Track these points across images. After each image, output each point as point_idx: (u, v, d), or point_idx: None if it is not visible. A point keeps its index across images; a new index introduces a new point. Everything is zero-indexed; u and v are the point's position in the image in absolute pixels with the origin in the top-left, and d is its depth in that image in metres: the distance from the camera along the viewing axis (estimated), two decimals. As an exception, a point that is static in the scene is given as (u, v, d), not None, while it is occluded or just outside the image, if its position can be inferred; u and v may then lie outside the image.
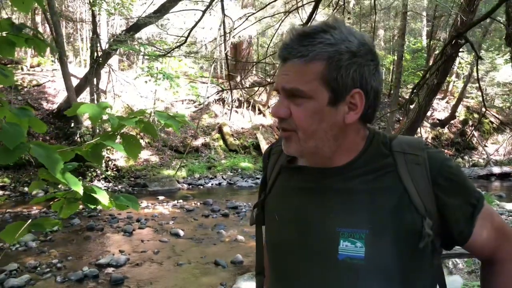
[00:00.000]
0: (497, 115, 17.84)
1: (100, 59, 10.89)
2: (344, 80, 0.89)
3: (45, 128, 1.25)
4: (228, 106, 15.58)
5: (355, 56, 0.89)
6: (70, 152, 1.25)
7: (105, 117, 1.21)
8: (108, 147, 1.42)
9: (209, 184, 12.03)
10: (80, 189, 1.16)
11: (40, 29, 15.78)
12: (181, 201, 9.62)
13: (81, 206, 1.41)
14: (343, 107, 0.91)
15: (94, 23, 11.26)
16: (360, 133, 0.97)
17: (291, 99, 0.91)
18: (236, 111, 15.74)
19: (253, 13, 3.25)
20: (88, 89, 11.53)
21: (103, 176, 10.96)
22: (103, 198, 1.29)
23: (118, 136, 1.34)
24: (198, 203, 9.43)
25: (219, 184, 12.17)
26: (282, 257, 1.02)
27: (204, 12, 2.92)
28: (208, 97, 12.04)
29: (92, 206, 1.37)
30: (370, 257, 0.89)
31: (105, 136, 1.25)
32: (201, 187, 11.76)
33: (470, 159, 16.02)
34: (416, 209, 0.90)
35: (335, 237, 0.91)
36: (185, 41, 3.32)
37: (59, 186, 1.41)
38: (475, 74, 15.37)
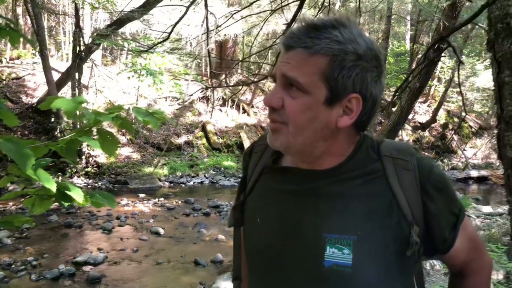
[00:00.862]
0: (476, 120, 18.18)
1: (83, 53, 10.70)
2: (345, 81, 0.86)
3: (16, 122, 1.20)
4: (212, 104, 15.51)
5: (360, 59, 0.85)
6: (44, 147, 1.21)
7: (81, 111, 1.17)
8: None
9: (191, 183, 11.96)
10: (52, 186, 1.12)
11: (21, 21, 15.44)
12: (162, 199, 9.53)
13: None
14: (338, 109, 0.88)
15: (77, 16, 11.05)
16: (351, 138, 0.94)
17: (287, 90, 0.88)
18: (220, 110, 15.68)
19: (238, 11, 3.23)
20: (69, 83, 11.32)
21: (83, 172, 10.78)
22: (77, 195, 1.25)
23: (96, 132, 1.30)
24: (180, 202, 9.36)
25: (201, 182, 12.11)
26: (263, 262, 0.97)
27: (188, 7, 2.88)
28: (191, 95, 11.96)
29: (66, 204, 1.33)
30: (358, 264, 0.85)
31: (81, 131, 1.22)
32: (183, 185, 11.68)
33: (450, 162, 16.29)
34: (404, 216, 0.88)
35: (322, 243, 0.87)
36: (168, 37, 3.27)
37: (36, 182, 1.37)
38: (456, 79, 15.62)
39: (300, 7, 2.39)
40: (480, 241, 1.03)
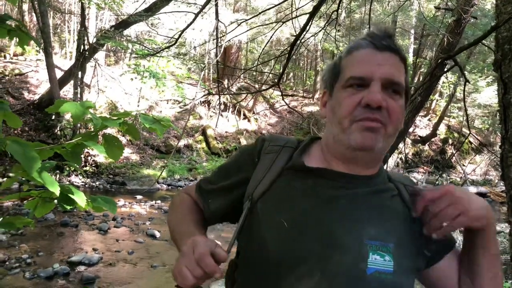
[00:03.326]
0: (476, 136, 18.20)
1: (87, 52, 10.73)
2: (408, 87, 0.95)
3: (20, 123, 1.20)
4: (214, 108, 15.53)
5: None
6: (49, 150, 1.21)
7: (88, 116, 1.17)
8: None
9: (189, 186, 11.90)
10: (56, 190, 1.12)
11: (27, 18, 15.49)
12: (159, 201, 9.50)
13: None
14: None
15: (82, 15, 11.08)
16: None
17: (388, 92, 0.91)
18: (221, 115, 15.70)
19: (246, 20, 3.24)
20: (72, 82, 11.34)
21: (81, 171, 10.76)
22: (80, 199, 1.25)
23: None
24: (177, 205, 9.31)
25: (199, 186, 12.04)
26: (294, 269, 0.87)
27: (196, 15, 2.89)
28: (193, 99, 11.97)
29: (68, 207, 1.33)
30: (398, 271, 0.86)
31: (86, 136, 1.21)
32: (181, 188, 11.64)
33: (448, 177, 16.28)
34: (419, 231, 0.93)
35: (364, 250, 0.86)
36: (175, 43, 3.28)
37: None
38: (458, 94, 15.64)
39: (310, 18, 2.41)
40: None
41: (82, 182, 10.44)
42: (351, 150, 0.92)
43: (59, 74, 11.41)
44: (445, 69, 3.43)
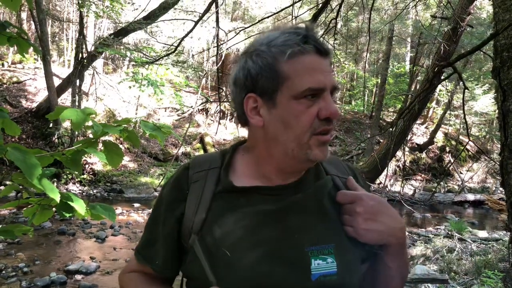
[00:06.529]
0: (473, 143, 18.23)
1: (85, 60, 10.74)
2: None
3: (19, 132, 1.20)
4: (211, 116, 15.53)
5: None
6: (49, 157, 1.20)
7: (89, 123, 1.16)
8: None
9: (187, 194, 11.86)
10: (57, 197, 1.11)
11: (25, 25, 15.53)
12: (157, 209, 9.45)
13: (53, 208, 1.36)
14: None
15: (81, 24, 11.11)
16: None
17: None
18: (219, 123, 15.71)
19: (245, 28, 3.26)
20: (70, 90, 11.34)
21: (79, 179, 10.72)
22: (80, 207, 1.24)
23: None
24: (174, 213, 9.27)
25: (197, 194, 12.00)
26: None
27: (196, 23, 2.89)
28: (192, 107, 11.99)
29: (68, 215, 1.32)
30: (342, 270, 0.86)
31: (87, 143, 1.21)
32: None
33: (446, 185, 16.29)
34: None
35: (306, 258, 0.86)
36: (175, 51, 3.29)
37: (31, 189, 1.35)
38: (454, 102, 15.71)
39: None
40: None
41: (80, 190, 10.40)
42: (305, 163, 0.90)
43: (57, 82, 11.41)
44: (444, 77, 3.45)
